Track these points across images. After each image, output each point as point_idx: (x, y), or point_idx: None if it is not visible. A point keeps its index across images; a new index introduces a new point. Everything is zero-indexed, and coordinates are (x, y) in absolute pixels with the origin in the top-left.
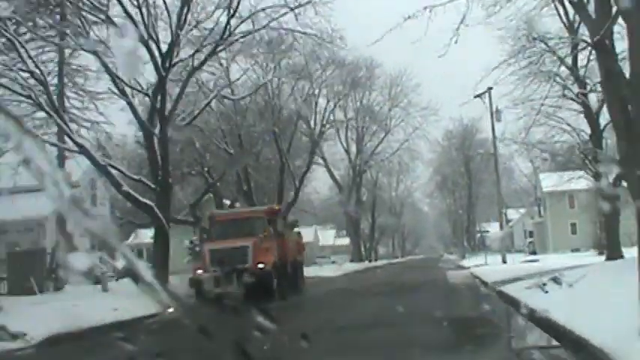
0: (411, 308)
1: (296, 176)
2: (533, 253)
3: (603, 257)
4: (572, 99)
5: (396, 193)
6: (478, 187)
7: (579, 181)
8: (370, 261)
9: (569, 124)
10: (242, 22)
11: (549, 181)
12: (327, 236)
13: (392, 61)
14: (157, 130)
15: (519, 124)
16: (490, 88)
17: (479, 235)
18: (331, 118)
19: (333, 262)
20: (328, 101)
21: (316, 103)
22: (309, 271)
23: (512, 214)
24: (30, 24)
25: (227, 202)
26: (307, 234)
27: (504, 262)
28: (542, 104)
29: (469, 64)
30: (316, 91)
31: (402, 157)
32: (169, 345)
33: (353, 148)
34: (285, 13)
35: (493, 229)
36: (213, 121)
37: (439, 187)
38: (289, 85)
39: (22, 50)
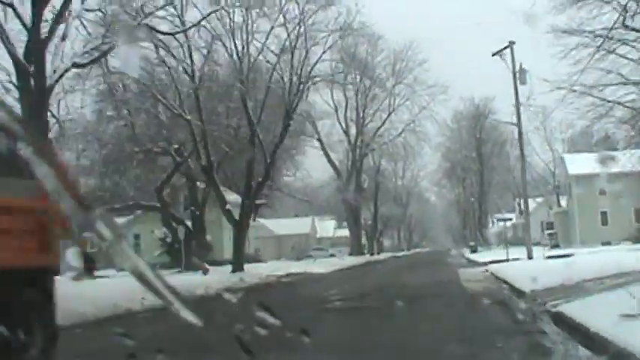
0: None
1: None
2: (556, 246)
3: None
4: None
5: (402, 181)
6: (490, 175)
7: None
8: (372, 254)
9: None
10: None
11: (577, 164)
12: (326, 227)
13: (396, 33)
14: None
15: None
16: (512, 43)
17: (500, 223)
18: (318, 71)
19: (332, 256)
20: (307, 51)
21: (292, 53)
22: (297, 267)
23: (530, 204)
24: None
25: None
26: (304, 224)
27: (530, 257)
28: (605, 36)
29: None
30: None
31: (408, 140)
32: None
33: (353, 130)
34: None
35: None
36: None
37: (447, 175)
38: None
39: None
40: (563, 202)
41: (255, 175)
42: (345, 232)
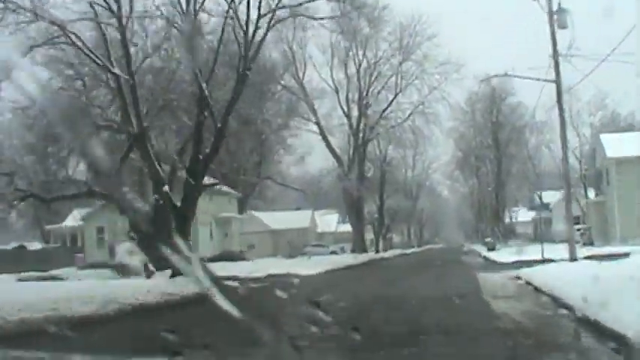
0: None
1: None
2: (590, 244)
3: None
4: None
5: (412, 172)
6: (508, 163)
7: None
8: (378, 251)
9: None
10: None
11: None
12: (329, 222)
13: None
14: None
15: None
16: None
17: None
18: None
19: (333, 253)
20: None
21: None
22: (282, 267)
23: (548, 197)
24: None
25: None
26: (303, 218)
27: (573, 258)
28: None
29: None
30: None
31: (417, 125)
32: None
33: (355, 113)
34: None
35: (522, 214)
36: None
37: (460, 165)
38: None
39: None
40: (591, 195)
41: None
42: (348, 228)
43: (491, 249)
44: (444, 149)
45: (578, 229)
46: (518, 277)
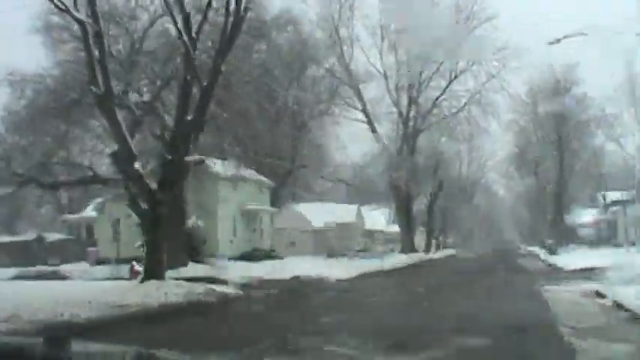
0: None
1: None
2: None
3: None
4: None
5: (466, 168)
6: (571, 160)
7: None
8: (428, 252)
9: None
10: None
11: None
12: (376, 219)
13: None
14: None
15: None
16: None
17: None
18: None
19: (381, 253)
20: None
21: None
22: (313, 268)
23: (613, 197)
24: None
25: None
26: (348, 213)
27: None
28: None
29: None
30: None
31: (473, 115)
32: None
33: (404, 101)
34: None
35: (587, 216)
36: None
37: (518, 162)
38: None
39: None
40: None
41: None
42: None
43: (553, 252)
44: (500, 145)
45: None
46: (600, 295)
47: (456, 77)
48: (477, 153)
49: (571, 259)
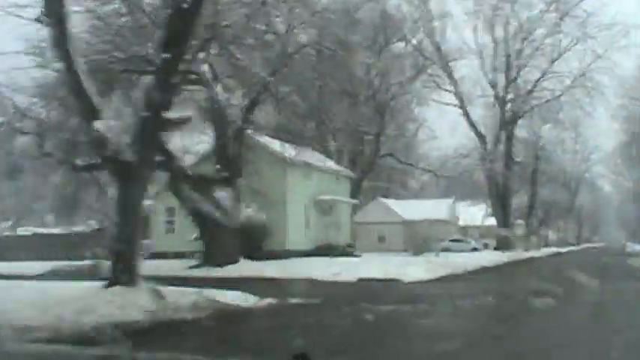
0: None
1: None
2: None
3: None
4: None
5: (570, 158)
6: None
7: None
8: (527, 249)
9: None
10: None
11: None
12: (473, 215)
13: None
14: None
15: None
16: None
17: None
18: None
19: (475, 250)
20: None
21: None
22: (393, 265)
23: None
24: None
25: None
26: (442, 209)
27: None
28: None
29: None
30: None
31: (577, 99)
32: None
33: (501, 82)
34: None
35: None
36: None
37: (627, 153)
38: None
39: None
40: None
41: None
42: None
43: None
44: (607, 134)
45: None
46: None
47: (558, 57)
48: (581, 144)
49: None
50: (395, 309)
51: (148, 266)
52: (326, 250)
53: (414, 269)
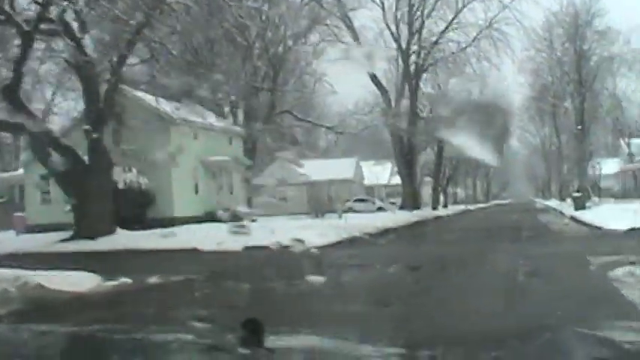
0: None
1: None
2: None
3: None
4: None
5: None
6: (594, 102)
7: None
8: (436, 208)
9: None
10: None
11: None
12: (379, 174)
13: None
14: None
15: None
16: None
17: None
18: None
19: (380, 209)
20: None
21: None
22: (290, 230)
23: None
24: None
25: None
26: (346, 168)
27: None
28: None
29: None
30: None
31: (483, 52)
32: None
33: (404, 35)
34: None
35: (607, 166)
36: None
37: (533, 111)
38: None
39: None
40: None
41: None
42: None
43: (580, 207)
44: (514, 90)
45: None
46: None
47: (463, 7)
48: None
49: (604, 215)
50: (265, 287)
51: (14, 241)
52: (218, 215)
53: (308, 234)
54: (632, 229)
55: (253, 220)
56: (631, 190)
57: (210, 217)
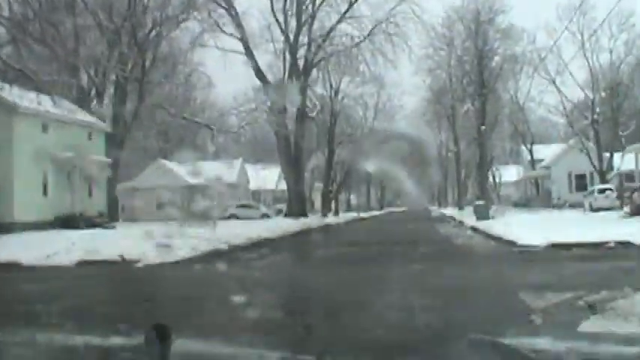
0: None
1: None
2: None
3: None
4: None
5: (374, 115)
6: (495, 105)
7: None
8: (326, 215)
9: None
10: None
11: None
12: (266, 178)
13: None
14: None
15: None
16: None
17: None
18: None
19: (265, 216)
20: None
21: None
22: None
23: (542, 151)
24: None
25: None
26: (227, 171)
27: None
28: None
29: None
30: None
31: (380, 48)
32: None
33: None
34: None
35: (507, 173)
36: None
37: (432, 110)
38: None
39: None
40: None
41: None
42: None
43: (484, 217)
44: (411, 90)
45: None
46: None
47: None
48: (385, 101)
49: (511, 226)
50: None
51: None
52: (70, 222)
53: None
54: (553, 245)
55: (112, 227)
56: (533, 199)
57: (62, 223)
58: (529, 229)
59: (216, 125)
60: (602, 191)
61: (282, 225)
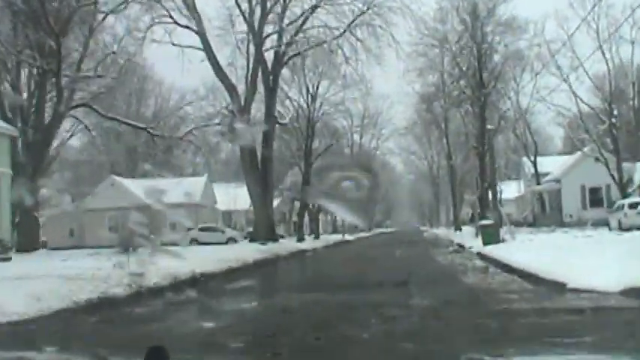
0: None
1: None
2: None
3: None
4: None
5: (360, 130)
6: (494, 110)
7: None
8: (302, 239)
9: None
10: None
11: None
12: (238, 198)
13: None
14: None
15: None
16: None
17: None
18: None
19: (230, 240)
20: None
21: None
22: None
23: (547, 163)
24: None
25: None
26: (190, 190)
27: None
28: None
29: None
30: None
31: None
32: None
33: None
34: None
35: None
36: None
37: (422, 124)
38: None
39: None
40: None
41: None
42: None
43: (494, 241)
44: (399, 99)
45: None
46: None
47: None
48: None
49: (542, 255)
50: None
51: None
52: None
53: (38, 288)
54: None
55: (7, 259)
56: (539, 217)
57: None
58: (568, 258)
59: (153, 128)
60: (634, 206)
61: (241, 252)
